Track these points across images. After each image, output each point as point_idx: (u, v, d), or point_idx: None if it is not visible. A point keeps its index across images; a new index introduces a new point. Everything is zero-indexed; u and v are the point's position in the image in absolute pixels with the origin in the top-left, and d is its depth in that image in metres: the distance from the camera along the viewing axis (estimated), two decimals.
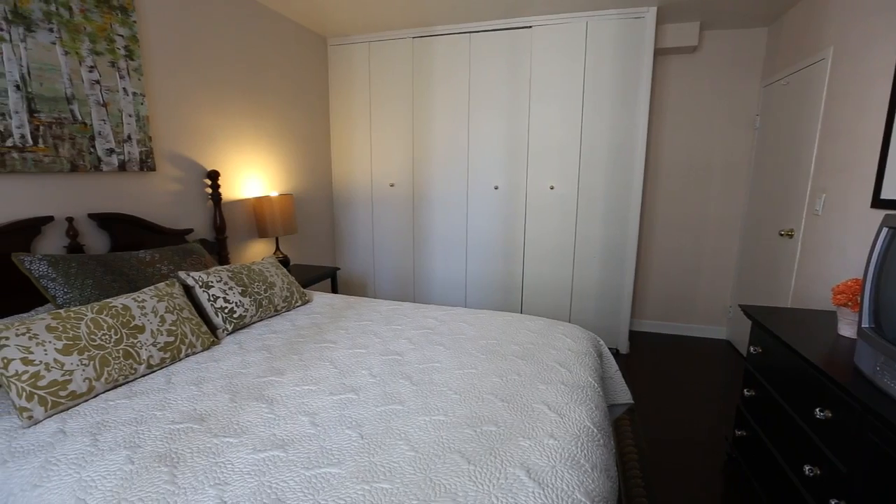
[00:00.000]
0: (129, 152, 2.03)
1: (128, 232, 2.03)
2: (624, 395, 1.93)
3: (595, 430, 1.20)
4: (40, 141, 1.70)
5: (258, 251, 2.95)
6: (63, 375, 1.24)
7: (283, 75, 3.07)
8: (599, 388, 1.48)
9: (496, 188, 3.30)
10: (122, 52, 1.97)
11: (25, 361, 1.20)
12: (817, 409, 1.33)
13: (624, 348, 3.22)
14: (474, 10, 2.91)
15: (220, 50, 2.53)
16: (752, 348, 1.87)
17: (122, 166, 2.01)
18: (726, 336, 3.52)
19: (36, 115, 1.68)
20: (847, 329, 1.56)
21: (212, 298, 1.80)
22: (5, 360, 1.18)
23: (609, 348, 3.00)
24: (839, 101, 2.18)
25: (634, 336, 3.56)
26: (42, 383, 1.20)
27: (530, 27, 3.03)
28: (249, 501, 0.90)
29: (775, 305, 2.60)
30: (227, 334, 1.80)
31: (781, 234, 2.62)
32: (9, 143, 1.60)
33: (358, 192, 3.69)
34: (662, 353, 3.24)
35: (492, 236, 3.38)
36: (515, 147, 3.21)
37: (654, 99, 3.33)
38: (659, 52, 3.19)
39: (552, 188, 3.17)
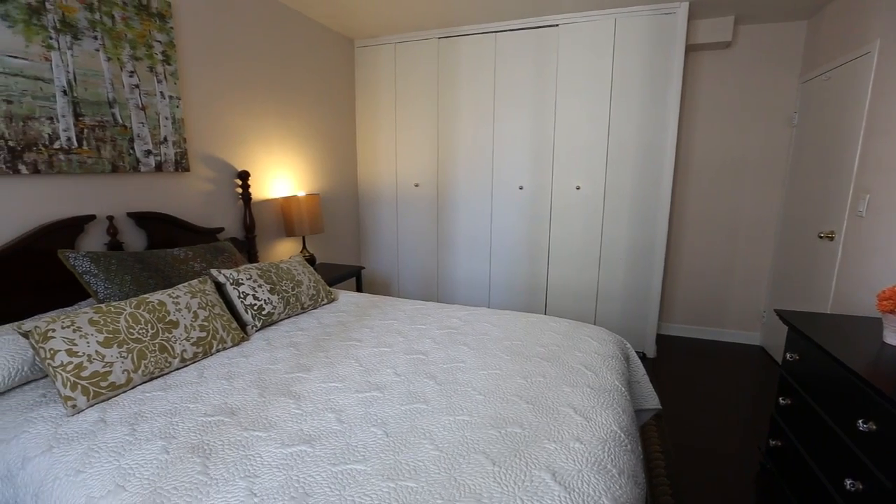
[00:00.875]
0: (165, 153, 2.10)
1: (163, 230, 2.11)
2: (651, 401, 1.89)
3: (622, 435, 1.18)
4: (84, 143, 1.78)
5: (285, 250, 3.01)
6: (104, 367, 1.29)
7: (311, 77, 3.13)
8: (626, 392, 1.45)
9: (521, 188, 3.27)
10: (160, 57, 2.04)
11: (70, 353, 1.26)
12: (860, 421, 1.27)
13: (651, 352, 3.15)
14: (501, 9, 2.90)
15: (250, 53, 2.60)
16: (788, 355, 1.80)
17: (159, 167, 2.08)
18: (760, 342, 3.39)
19: (81, 118, 1.76)
20: (893, 337, 1.48)
21: (242, 295, 1.85)
22: (52, 351, 1.25)
23: (636, 352, 2.94)
24: (886, 97, 2.07)
25: (662, 340, 3.48)
26: (85, 374, 1.26)
27: (557, 25, 3.00)
28: (278, 494, 0.92)
29: (814, 311, 2.50)
30: (256, 331, 1.85)
31: (821, 237, 2.50)
32: (56, 145, 1.69)
33: (383, 191, 3.72)
34: (691, 358, 3.15)
35: (516, 237, 3.36)
36: (541, 147, 3.18)
37: (684, 96, 3.24)
38: (691, 49, 3.11)
39: (578, 188, 3.13)
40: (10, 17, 1.53)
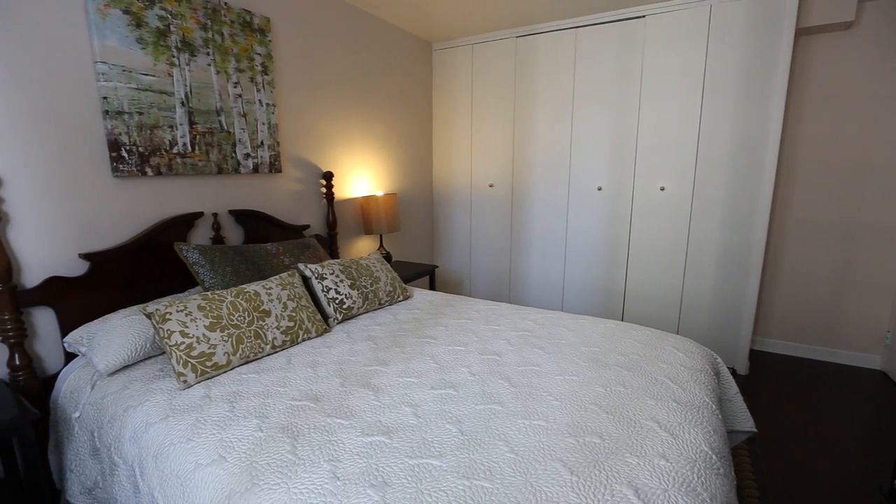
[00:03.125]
0: (261, 156, 2.29)
1: (258, 226, 2.30)
2: (745, 422, 1.73)
3: (714, 456, 1.09)
4: (196, 148, 1.99)
5: (363, 247, 3.15)
6: (209, 348, 1.44)
7: (391, 81, 3.25)
8: (718, 410, 1.34)
9: (599, 189, 3.14)
10: (259, 68, 2.23)
11: (183, 334, 1.42)
12: None
13: (743, 369, 2.88)
14: (582, 3, 2.80)
15: (336, 60, 2.76)
16: None
17: (256, 169, 2.28)
18: (881, 366, 2.96)
19: (194, 126, 1.97)
20: None
21: (325, 289, 1.96)
22: (169, 332, 1.41)
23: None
24: None
25: (756, 356, 3.16)
26: (194, 353, 1.41)
27: (643, 17, 2.84)
28: (359, 480, 0.97)
29: None
30: (337, 323, 1.95)
31: None
32: (174, 150, 1.91)
33: (457, 192, 3.76)
34: (792, 379, 2.83)
35: (593, 239, 3.23)
36: (622, 146, 3.02)
37: (792, 87, 2.92)
38: (801, 33, 2.79)
39: (662, 189, 2.94)
40: (143, 40, 1.76)
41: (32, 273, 1.56)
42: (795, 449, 2.12)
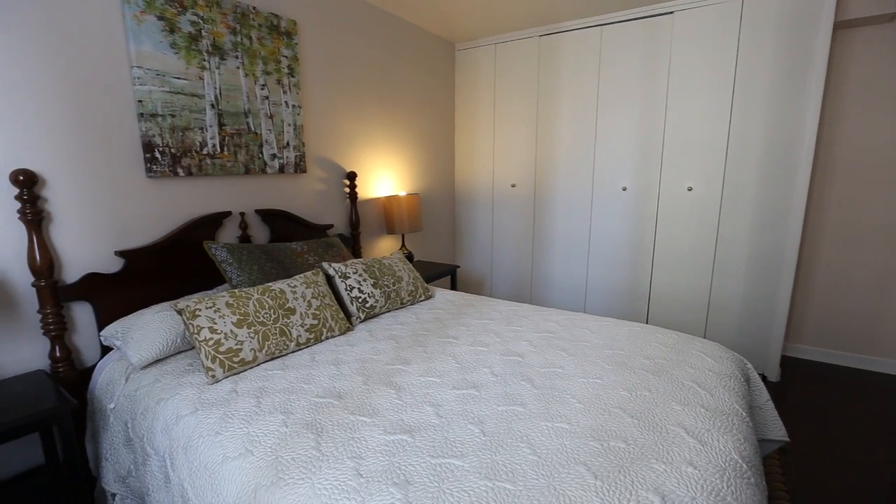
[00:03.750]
0: (286, 157, 2.34)
1: (283, 226, 2.34)
2: (776, 431, 1.67)
3: (744, 465, 1.05)
4: (225, 149, 2.05)
5: (385, 246, 3.18)
6: (236, 344, 1.48)
7: (414, 81, 3.26)
8: (748, 417, 1.29)
9: (624, 189, 3.09)
10: (286, 70, 2.27)
11: (211, 330, 1.46)
12: None
13: (773, 375, 2.78)
14: (607, 1, 2.76)
15: (360, 62, 2.79)
16: None
17: (281, 169, 2.32)
18: None
19: (223, 127, 2.02)
20: None
21: (348, 288, 1.99)
22: (198, 328, 1.45)
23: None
24: None
25: (787, 362, 3.05)
26: (222, 349, 1.45)
27: (671, 13, 2.77)
28: (382, 478, 0.97)
29: None
30: (360, 322, 1.97)
31: None
32: (204, 151, 1.96)
33: (479, 192, 3.76)
34: (826, 387, 2.72)
35: (617, 240, 3.17)
36: (648, 146, 2.96)
37: (829, 84, 2.81)
38: (840, 26, 2.67)
39: (690, 189, 2.86)
40: (176, 45, 1.81)
41: (72, 269, 1.63)
42: (829, 460, 2.04)
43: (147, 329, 1.55)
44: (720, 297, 2.88)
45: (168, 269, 1.87)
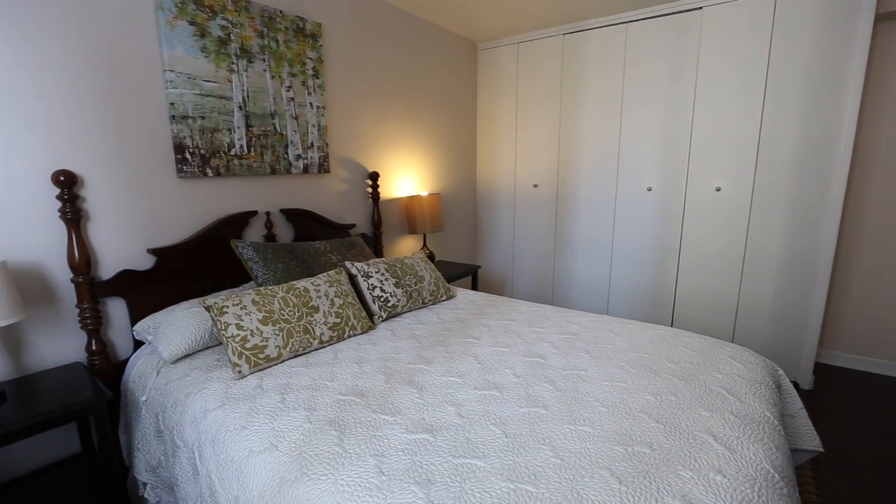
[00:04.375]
0: (311, 157, 2.37)
1: (307, 225, 2.38)
2: (810, 440, 1.61)
3: (776, 475, 1.02)
4: (251, 150, 2.09)
5: (407, 246, 3.20)
6: (262, 341, 1.51)
7: (436, 82, 3.27)
8: (780, 425, 1.25)
9: (649, 189, 3.02)
10: (311, 72, 2.31)
11: (238, 327, 1.49)
12: None
13: (806, 383, 2.68)
14: None
15: (383, 62, 2.81)
16: None
17: (306, 169, 2.36)
18: None
19: (250, 128, 2.07)
20: None
21: (370, 287, 2.01)
22: (226, 324, 1.49)
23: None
24: None
25: (821, 369, 2.94)
26: (248, 345, 1.48)
27: (700, 8, 2.70)
28: (404, 476, 0.98)
29: None
30: (382, 321, 1.99)
31: None
32: (232, 152, 2.01)
33: (501, 192, 3.74)
34: (863, 396, 2.60)
35: (642, 241, 3.11)
36: (675, 145, 2.90)
37: (868, 79, 2.69)
38: (882, 18, 2.56)
39: (718, 189, 2.79)
40: (206, 49, 1.86)
41: (107, 266, 1.70)
42: (864, 472, 1.95)
43: (177, 325, 1.60)
44: (749, 300, 2.79)
45: (197, 266, 1.93)
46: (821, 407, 2.48)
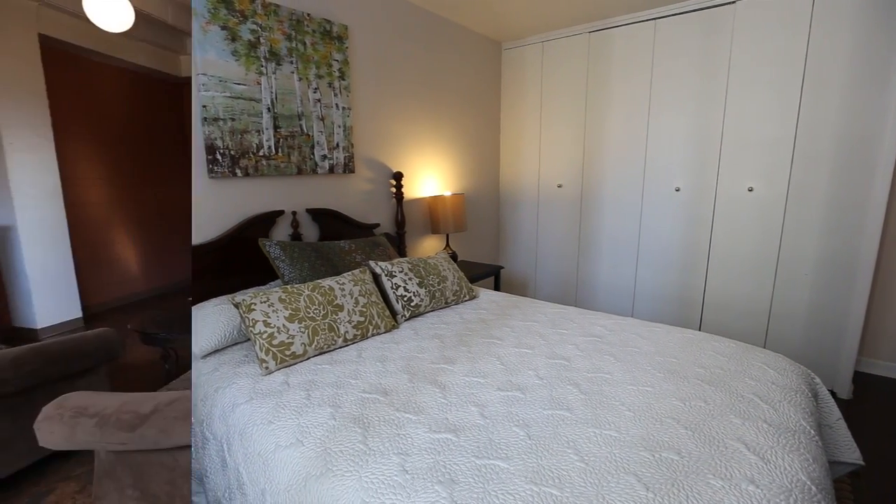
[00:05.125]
0: (336, 158, 2.41)
1: (332, 224, 2.42)
2: (849, 452, 1.54)
3: (813, 487, 0.98)
4: (279, 151, 2.14)
5: (430, 246, 3.21)
6: (288, 338, 1.54)
7: (460, 82, 3.27)
8: (817, 436, 1.20)
9: (677, 190, 2.95)
10: (337, 73, 2.34)
11: (265, 324, 1.53)
12: None
13: (845, 392, 2.56)
14: None
15: (408, 63, 2.83)
16: None
17: (331, 169, 2.40)
18: None
19: (278, 130, 2.12)
20: None
21: (394, 287, 2.02)
22: (253, 321, 1.53)
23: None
24: None
25: (861, 378, 2.80)
26: (275, 342, 1.51)
27: (733, 3, 2.62)
28: (427, 475, 0.98)
29: None
30: (405, 320, 2.00)
31: None
32: (260, 153, 2.06)
33: (524, 192, 3.71)
34: None
35: (669, 243, 3.04)
36: (705, 144, 2.82)
37: None
38: None
39: (750, 189, 2.69)
40: (236, 52, 1.92)
41: None
42: None
43: (207, 321, 1.65)
44: (783, 304, 2.69)
45: (226, 264, 1.98)
46: (860, 417, 2.37)
